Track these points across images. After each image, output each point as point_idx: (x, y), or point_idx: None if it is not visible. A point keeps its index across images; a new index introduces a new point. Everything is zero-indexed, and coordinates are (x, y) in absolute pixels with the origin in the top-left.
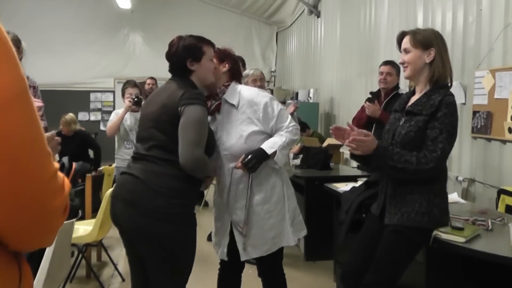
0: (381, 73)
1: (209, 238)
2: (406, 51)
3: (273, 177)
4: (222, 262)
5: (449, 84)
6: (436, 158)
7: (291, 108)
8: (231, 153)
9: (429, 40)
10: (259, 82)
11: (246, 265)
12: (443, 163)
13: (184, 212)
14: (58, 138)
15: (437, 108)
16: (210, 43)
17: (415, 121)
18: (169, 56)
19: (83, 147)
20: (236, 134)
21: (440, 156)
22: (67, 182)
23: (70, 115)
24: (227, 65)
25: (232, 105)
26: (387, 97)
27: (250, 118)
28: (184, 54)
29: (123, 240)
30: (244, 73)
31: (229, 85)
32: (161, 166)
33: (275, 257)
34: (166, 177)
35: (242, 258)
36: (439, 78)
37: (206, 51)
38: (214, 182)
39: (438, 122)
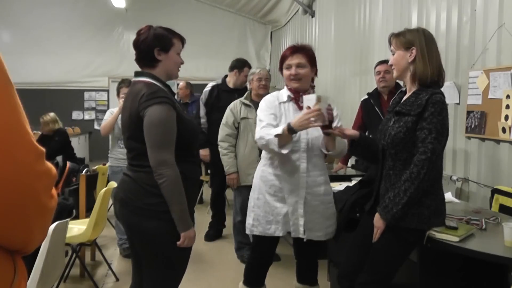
0: (379, 72)
1: (207, 238)
2: (392, 52)
3: (327, 175)
4: (257, 252)
5: (440, 82)
6: (426, 160)
7: None
8: (315, 143)
9: (410, 40)
10: (264, 81)
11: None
12: (435, 163)
13: None
14: None
15: (424, 107)
16: (180, 37)
17: (404, 122)
18: (138, 43)
19: (63, 146)
20: (318, 129)
21: (430, 157)
22: (54, 169)
23: (50, 115)
24: (315, 69)
25: None
26: (392, 95)
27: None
28: (154, 42)
29: (127, 238)
30: (251, 71)
31: (313, 88)
32: (150, 168)
33: (318, 243)
34: None
35: (306, 237)
36: (421, 76)
37: (175, 43)
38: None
39: (426, 122)
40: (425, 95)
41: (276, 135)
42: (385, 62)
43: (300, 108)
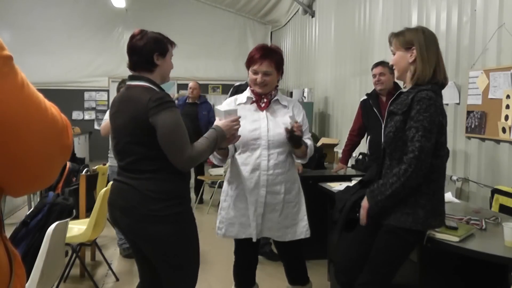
0: (374, 75)
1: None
2: (393, 53)
3: (295, 173)
4: (238, 254)
5: (441, 81)
6: (413, 158)
7: None
8: (276, 140)
9: (410, 40)
10: None
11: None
12: (424, 161)
13: (182, 210)
14: None
15: (409, 106)
16: (171, 42)
17: (394, 121)
18: (137, 48)
19: None
20: (283, 126)
21: (418, 155)
22: (66, 120)
23: None
24: (281, 72)
25: (284, 105)
26: (391, 96)
27: (291, 117)
28: (153, 47)
29: (126, 240)
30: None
31: (277, 89)
32: (151, 174)
33: (296, 243)
34: (158, 181)
35: (257, 237)
36: (419, 76)
37: (169, 48)
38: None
39: (413, 120)
40: (411, 94)
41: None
42: (380, 64)
43: (260, 108)
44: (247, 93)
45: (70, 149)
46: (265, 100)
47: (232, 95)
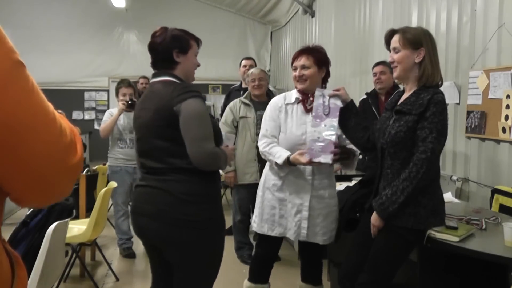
0: (375, 74)
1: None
2: (396, 50)
3: (334, 178)
4: (260, 248)
5: (440, 83)
6: (425, 159)
7: None
8: None
9: (418, 40)
10: (257, 81)
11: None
12: (434, 162)
13: (214, 215)
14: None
15: (426, 107)
16: (196, 39)
17: (404, 121)
18: (155, 45)
19: None
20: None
21: (430, 156)
22: (74, 130)
23: None
24: (325, 70)
25: None
26: (389, 96)
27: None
28: (172, 44)
29: (147, 250)
30: (247, 73)
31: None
32: (181, 175)
33: (320, 245)
34: (190, 184)
35: (299, 239)
36: (428, 77)
37: (192, 45)
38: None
39: (428, 121)
40: (427, 95)
41: (276, 164)
42: (381, 63)
43: (307, 110)
44: (295, 93)
45: (77, 167)
46: (311, 99)
47: (227, 98)
